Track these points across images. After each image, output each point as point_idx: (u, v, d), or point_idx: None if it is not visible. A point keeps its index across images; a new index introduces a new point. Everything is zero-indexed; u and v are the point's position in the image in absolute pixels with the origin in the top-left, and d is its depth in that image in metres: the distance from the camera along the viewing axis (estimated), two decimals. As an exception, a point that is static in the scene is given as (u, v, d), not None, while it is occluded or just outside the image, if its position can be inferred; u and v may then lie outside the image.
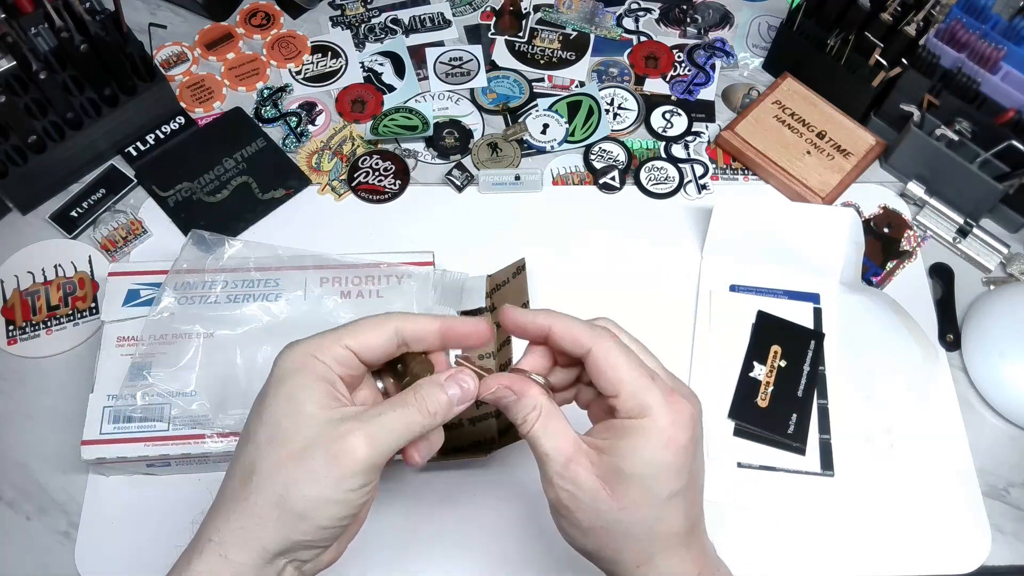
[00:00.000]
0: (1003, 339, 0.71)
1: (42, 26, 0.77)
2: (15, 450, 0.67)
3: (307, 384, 0.42)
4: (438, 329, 0.46)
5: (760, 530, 0.65)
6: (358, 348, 0.44)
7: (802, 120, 0.85)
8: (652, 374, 0.43)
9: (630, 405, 0.42)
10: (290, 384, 0.42)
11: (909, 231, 0.81)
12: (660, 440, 0.42)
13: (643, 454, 0.42)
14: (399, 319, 0.45)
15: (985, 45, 0.77)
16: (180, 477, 0.65)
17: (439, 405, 0.44)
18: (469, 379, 0.45)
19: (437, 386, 0.44)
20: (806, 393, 0.70)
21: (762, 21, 0.96)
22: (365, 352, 0.44)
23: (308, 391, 0.42)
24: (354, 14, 0.94)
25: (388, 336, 0.45)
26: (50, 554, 0.63)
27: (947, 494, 0.67)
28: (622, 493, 0.42)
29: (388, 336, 0.45)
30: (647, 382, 0.43)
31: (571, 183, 0.83)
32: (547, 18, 0.95)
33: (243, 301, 0.67)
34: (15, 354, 0.72)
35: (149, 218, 0.79)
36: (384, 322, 0.45)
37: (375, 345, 0.44)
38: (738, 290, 0.76)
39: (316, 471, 0.40)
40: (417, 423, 0.43)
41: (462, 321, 0.47)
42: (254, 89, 0.88)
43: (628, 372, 0.43)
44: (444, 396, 0.44)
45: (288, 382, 0.42)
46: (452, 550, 0.64)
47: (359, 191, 0.82)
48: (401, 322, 0.45)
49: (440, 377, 0.45)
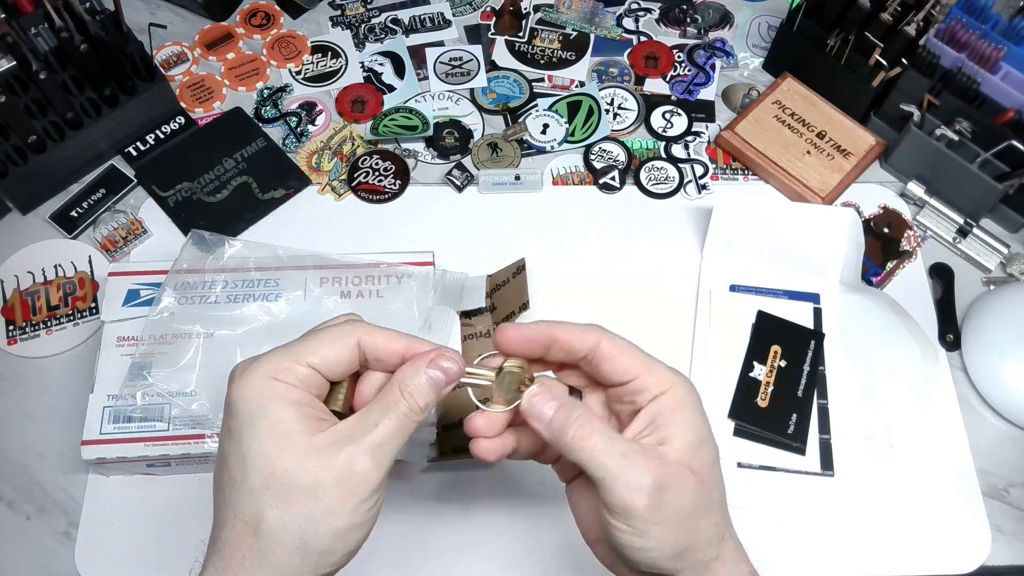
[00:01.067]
0: (1003, 339, 0.71)
1: (42, 26, 0.77)
2: (15, 450, 0.67)
3: (286, 415, 0.39)
4: (402, 352, 0.42)
5: (760, 530, 0.65)
6: (320, 365, 0.41)
7: (802, 120, 0.85)
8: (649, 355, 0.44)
9: (651, 382, 0.42)
10: (267, 418, 0.39)
11: (909, 231, 0.81)
12: (694, 403, 0.43)
13: (694, 419, 0.42)
14: (362, 331, 0.42)
15: (985, 45, 0.77)
16: (180, 477, 0.65)
17: (428, 398, 0.41)
18: (450, 361, 0.42)
19: (421, 373, 0.41)
20: (806, 393, 0.70)
21: (762, 21, 0.96)
22: (327, 369, 0.41)
23: (290, 422, 0.39)
24: (354, 14, 0.94)
25: (350, 351, 0.42)
26: (50, 554, 0.63)
27: (947, 494, 0.67)
28: (699, 462, 0.42)
29: (350, 351, 0.42)
30: (655, 360, 0.43)
31: (571, 183, 0.83)
32: (547, 18, 0.95)
33: (243, 301, 0.67)
34: (15, 354, 0.72)
35: (149, 218, 0.79)
36: (345, 335, 0.42)
37: (336, 361, 0.41)
38: (738, 290, 0.76)
39: (332, 507, 0.38)
40: (412, 422, 0.41)
41: (427, 348, 0.43)
42: (254, 89, 0.88)
43: (638, 354, 0.43)
44: (429, 387, 0.41)
45: (263, 416, 0.39)
46: (452, 550, 0.64)
47: (359, 191, 0.82)
48: (365, 335, 0.42)
49: (419, 363, 0.42)
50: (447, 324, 0.67)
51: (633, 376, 0.43)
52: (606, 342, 0.43)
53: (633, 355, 0.43)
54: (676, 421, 0.42)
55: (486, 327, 0.71)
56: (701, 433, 0.43)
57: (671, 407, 0.42)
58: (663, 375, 0.43)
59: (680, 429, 0.42)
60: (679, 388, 0.43)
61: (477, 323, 0.71)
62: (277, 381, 0.40)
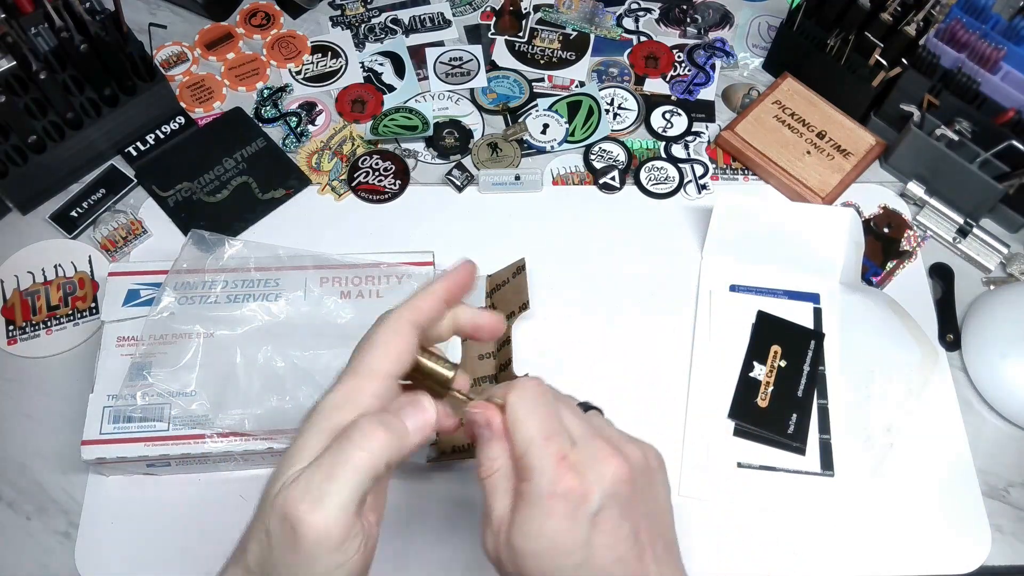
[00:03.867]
0: (1003, 339, 0.71)
1: (42, 26, 0.77)
2: (15, 450, 0.67)
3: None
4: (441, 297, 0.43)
5: (760, 530, 0.65)
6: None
7: (802, 120, 0.85)
8: (554, 432, 0.39)
9: (519, 466, 0.39)
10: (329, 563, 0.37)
11: (909, 231, 0.81)
12: (543, 511, 0.38)
13: (533, 525, 0.38)
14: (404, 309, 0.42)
15: (985, 45, 0.77)
16: (180, 477, 0.65)
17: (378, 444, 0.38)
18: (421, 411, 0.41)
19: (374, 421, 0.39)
20: (806, 393, 0.70)
21: (762, 21, 0.96)
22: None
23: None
24: (354, 14, 0.94)
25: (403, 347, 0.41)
26: (50, 554, 0.63)
27: (947, 494, 0.67)
28: (527, 568, 0.38)
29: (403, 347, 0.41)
30: (539, 446, 0.39)
31: (571, 183, 0.83)
32: (547, 18, 0.95)
33: (243, 301, 0.67)
34: (15, 354, 0.72)
35: (149, 218, 0.79)
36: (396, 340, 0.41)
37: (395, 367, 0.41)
38: (738, 290, 0.76)
39: None
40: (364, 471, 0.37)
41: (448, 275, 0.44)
42: (254, 89, 0.88)
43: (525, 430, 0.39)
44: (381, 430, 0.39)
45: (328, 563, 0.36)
46: (452, 551, 0.64)
47: (359, 191, 0.82)
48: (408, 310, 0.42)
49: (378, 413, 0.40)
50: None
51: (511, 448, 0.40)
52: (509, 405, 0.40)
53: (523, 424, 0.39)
54: (519, 517, 0.38)
55: (486, 327, 0.71)
56: (539, 542, 0.38)
57: (524, 500, 0.38)
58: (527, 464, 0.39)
59: (517, 526, 0.38)
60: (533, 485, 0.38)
61: (477, 323, 0.71)
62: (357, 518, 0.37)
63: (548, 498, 0.38)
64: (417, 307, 0.43)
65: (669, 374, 0.72)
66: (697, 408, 0.70)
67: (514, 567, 0.39)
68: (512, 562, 0.39)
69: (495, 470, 0.40)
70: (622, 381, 0.71)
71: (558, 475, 0.38)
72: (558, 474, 0.38)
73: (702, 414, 0.69)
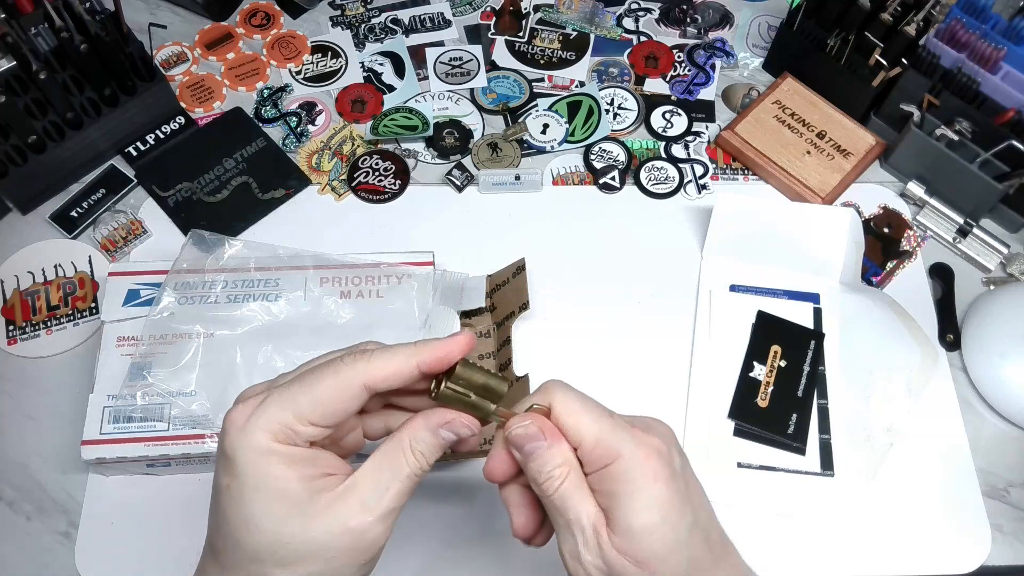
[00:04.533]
0: (1003, 339, 0.71)
1: (42, 26, 0.77)
2: (15, 450, 0.67)
3: (290, 477, 0.37)
4: (415, 365, 0.39)
5: (760, 530, 0.65)
6: (322, 418, 0.38)
7: (802, 120, 0.85)
8: (611, 413, 0.40)
9: (598, 453, 0.38)
10: (272, 482, 0.37)
11: (909, 231, 0.81)
12: (647, 478, 0.37)
13: (641, 499, 0.37)
14: (363, 370, 0.39)
15: (985, 45, 0.77)
16: (180, 477, 0.65)
17: (436, 456, 0.40)
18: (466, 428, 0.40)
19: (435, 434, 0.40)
20: (806, 393, 0.70)
21: (762, 21, 0.96)
22: (329, 420, 0.39)
23: (295, 484, 0.37)
24: (354, 14, 0.94)
25: (354, 396, 0.39)
26: (50, 554, 0.63)
27: (947, 494, 0.67)
28: (644, 553, 0.37)
29: (354, 396, 0.39)
30: (609, 423, 0.38)
31: (571, 183, 0.83)
32: (547, 18, 0.95)
33: (243, 301, 0.67)
34: (15, 354, 0.72)
35: (149, 218, 0.79)
36: (346, 382, 0.38)
37: (340, 411, 0.39)
38: (738, 290, 0.76)
39: (340, 568, 0.38)
40: (418, 480, 0.40)
41: (436, 343, 0.40)
42: (254, 89, 0.88)
43: (586, 416, 0.39)
44: (439, 447, 0.40)
45: (267, 479, 0.37)
46: (451, 551, 0.64)
47: (359, 191, 0.82)
48: (367, 375, 0.39)
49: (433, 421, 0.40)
50: (447, 324, 0.67)
51: (576, 443, 0.39)
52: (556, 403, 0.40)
53: (583, 415, 0.39)
54: (622, 502, 0.37)
55: (486, 327, 0.71)
56: (656, 516, 0.37)
57: (619, 481, 0.38)
58: (609, 444, 0.38)
59: (624, 511, 0.37)
60: (626, 460, 0.37)
61: (477, 323, 0.71)
62: (279, 443, 0.38)
63: (646, 460, 0.37)
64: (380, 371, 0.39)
65: (669, 374, 0.72)
66: (697, 408, 0.70)
67: (632, 561, 0.37)
68: (624, 557, 0.37)
69: (564, 476, 0.39)
70: (622, 381, 0.71)
71: (641, 440, 0.38)
72: (641, 439, 0.38)
73: (702, 414, 0.69)
